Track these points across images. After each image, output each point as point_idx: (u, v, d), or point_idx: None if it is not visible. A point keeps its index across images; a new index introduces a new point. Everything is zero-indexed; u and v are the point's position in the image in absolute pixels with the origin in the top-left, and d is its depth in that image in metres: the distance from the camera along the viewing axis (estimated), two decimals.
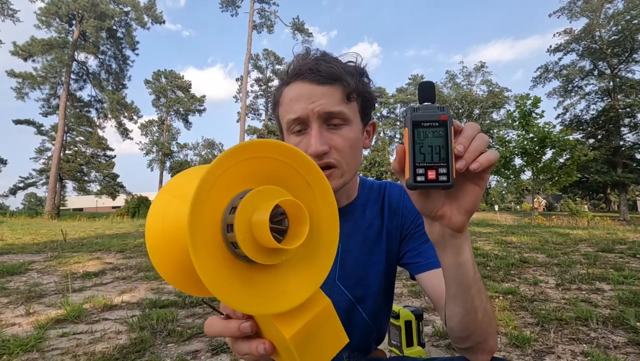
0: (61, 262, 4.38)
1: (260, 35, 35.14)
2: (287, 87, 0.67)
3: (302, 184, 0.37)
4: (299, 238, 0.33)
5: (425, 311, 2.38)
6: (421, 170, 0.41)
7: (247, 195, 0.31)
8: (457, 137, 0.42)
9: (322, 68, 0.63)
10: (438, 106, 0.42)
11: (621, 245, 5.36)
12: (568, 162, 14.25)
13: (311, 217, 0.36)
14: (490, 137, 36.03)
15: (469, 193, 0.45)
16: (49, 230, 9.40)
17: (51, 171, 24.45)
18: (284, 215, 0.34)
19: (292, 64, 0.68)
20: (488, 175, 0.44)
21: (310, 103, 0.63)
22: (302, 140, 0.66)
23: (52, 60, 24.98)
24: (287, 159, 0.36)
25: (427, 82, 0.45)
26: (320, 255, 0.39)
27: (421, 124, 0.42)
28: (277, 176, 0.36)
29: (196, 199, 0.29)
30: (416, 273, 0.72)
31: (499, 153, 13.77)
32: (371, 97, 0.71)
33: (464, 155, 0.41)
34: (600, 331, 2.04)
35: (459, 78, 38.80)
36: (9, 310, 2.51)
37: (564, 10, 26.67)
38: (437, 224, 0.47)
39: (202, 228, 0.30)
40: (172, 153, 40.42)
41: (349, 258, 0.76)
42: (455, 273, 0.50)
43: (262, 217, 0.30)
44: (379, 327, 0.81)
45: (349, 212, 0.77)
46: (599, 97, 26.83)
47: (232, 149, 0.32)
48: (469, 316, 0.52)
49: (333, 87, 0.64)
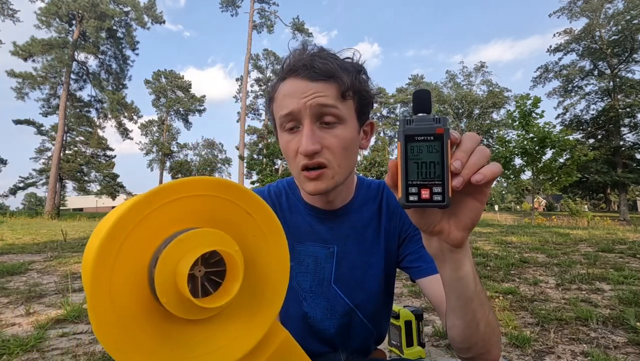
0: (61, 262, 4.38)
1: (260, 35, 35.21)
2: (282, 83, 0.65)
3: (242, 215, 0.34)
4: (227, 295, 0.30)
5: (425, 311, 2.38)
6: (414, 188, 0.38)
7: (170, 244, 0.28)
8: (455, 150, 0.39)
9: (317, 64, 0.61)
10: (433, 117, 0.39)
11: (621, 245, 5.36)
12: (568, 162, 14.25)
13: (255, 251, 0.34)
14: (490, 137, 36.06)
15: (468, 209, 0.42)
16: (49, 230, 9.40)
17: (51, 171, 24.43)
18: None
19: (288, 59, 0.65)
20: (489, 190, 0.41)
21: (302, 98, 0.61)
22: (294, 138, 0.63)
23: (52, 60, 24.97)
24: (219, 193, 0.32)
25: (422, 90, 0.42)
26: (267, 296, 0.36)
27: (414, 138, 0.39)
28: (212, 212, 0.32)
29: (101, 251, 0.26)
30: (417, 278, 0.70)
31: (500, 153, 13.65)
32: (369, 96, 0.67)
33: (462, 171, 0.38)
34: (600, 331, 2.04)
35: (459, 78, 38.83)
36: (9, 310, 2.51)
37: (564, 10, 26.67)
38: (435, 239, 0.45)
39: (114, 277, 0.27)
40: (172, 153, 40.43)
41: (345, 261, 0.74)
42: (455, 287, 0.48)
43: (182, 270, 0.27)
44: (378, 330, 0.80)
45: (344, 213, 0.75)
46: (599, 97, 26.82)
47: (150, 192, 0.29)
48: (470, 328, 0.50)
49: (327, 83, 0.61)
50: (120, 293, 0.28)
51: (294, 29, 30.68)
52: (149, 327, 0.29)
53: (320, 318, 0.74)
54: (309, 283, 0.74)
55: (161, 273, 0.28)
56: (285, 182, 0.81)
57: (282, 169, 18.44)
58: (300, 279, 0.74)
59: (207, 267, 0.30)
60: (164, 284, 0.28)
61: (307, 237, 0.75)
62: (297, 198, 0.77)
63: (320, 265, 0.74)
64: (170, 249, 0.28)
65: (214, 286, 0.31)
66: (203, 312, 0.30)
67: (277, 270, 0.36)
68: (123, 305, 0.28)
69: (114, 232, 0.27)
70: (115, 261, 0.27)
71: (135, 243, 0.28)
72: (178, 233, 0.29)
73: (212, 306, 0.29)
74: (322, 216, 0.75)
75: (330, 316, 0.74)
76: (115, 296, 0.27)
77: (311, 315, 0.74)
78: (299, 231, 0.75)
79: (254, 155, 18.85)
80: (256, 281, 0.35)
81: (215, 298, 0.30)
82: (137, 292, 0.29)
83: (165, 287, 0.28)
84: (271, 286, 0.36)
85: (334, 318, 0.74)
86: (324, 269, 0.74)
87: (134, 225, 0.28)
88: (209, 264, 0.30)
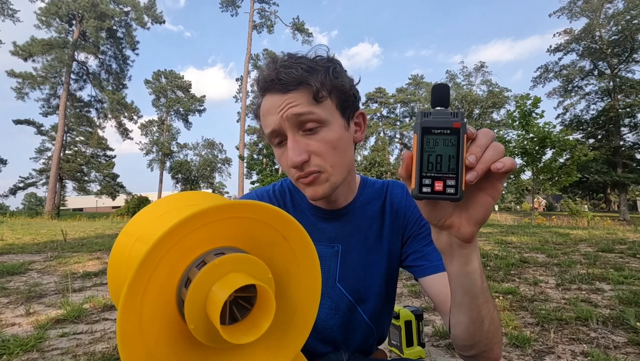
0: (61, 262, 4.38)
1: (260, 35, 35.07)
2: (262, 99, 0.66)
3: (278, 239, 0.34)
4: (256, 329, 0.28)
5: (425, 311, 2.38)
6: (428, 180, 0.39)
7: (204, 269, 0.27)
8: (470, 145, 0.40)
9: (282, 76, 0.60)
10: (451, 112, 0.39)
11: (621, 245, 5.36)
12: (568, 162, 14.25)
13: (286, 276, 0.33)
14: None
15: (480, 204, 0.42)
16: (49, 230, 9.40)
17: (51, 171, 24.44)
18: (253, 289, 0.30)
19: (260, 76, 0.65)
20: (501, 185, 0.41)
21: (278, 112, 0.61)
22: (284, 151, 0.64)
23: (52, 60, 24.99)
24: (256, 216, 0.31)
25: (441, 84, 0.42)
26: (295, 324, 0.34)
27: (431, 131, 0.39)
28: (246, 233, 0.32)
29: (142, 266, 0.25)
30: (419, 276, 0.70)
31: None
32: (346, 89, 0.65)
33: (476, 166, 0.38)
34: (600, 331, 2.04)
35: (459, 78, 38.84)
36: (9, 310, 2.51)
37: (564, 10, 26.67)
38: (445, 233, 0.45)
39: (144, 299, 0.26)
40: (172, 153, 40.42)
41: (349, 260, 0.74)
42: (462, 283, 0.48)
43: (215, 299, 0.26)
44: (380, 329, 0.80)
45: (348, 212, 0.75)
46: (599, 97, 26.82)
47: (201, 211, 0.27)
48: (474, 325, 0.50)
49: (298, 92, 0.61)
50: (149, 318, 0.27)
51: (294, 29, 30.68)
52: (175, 355, 0.28)
53: (324, 318, 0.74)
54: None
55: (192, 299, 0.26)
56: (290, 182, 0.81)
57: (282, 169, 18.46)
58: None
59: (237, 291, 0.28)
60: (194, 310, 0.27)
61: (311, 236, 0.74)
62: (301, 197, 0.78)
63: (325, 264, 0.74)
64: (204, 274, 0.27)
65: (242, 311, 0.30)
66: (230, 342, 0.28)
67: (307, 297, 0.35)
68: (151, 331, 0.27)
69: (146, 262, 0.25)
70: (146, 288, 0.26)
71: (166, 266, 0.27)
72: (211, 252, 0.28)
73: (240, 342, 0.27)
74: (325, 215, 0.75)
75: (334, 316, 0.74)
76: (144, 323, 0.26)
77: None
78: None
79: (254, 155, 18.87)
80: (285, 309, 0.34)
81: (244, 329, 0.29)
82: (164, 314, 0.28)
83: (194, 314, 0.27)
84: (300, 315, 0.35)
85: (337, 317, 0.74)
86: (329, 268, 0.74)
87: (166, 251, 0.26)
88: (239, 289, 0.29)
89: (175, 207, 0.38)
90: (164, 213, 0.37)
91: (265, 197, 0.79)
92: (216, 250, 0.29)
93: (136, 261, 0.25)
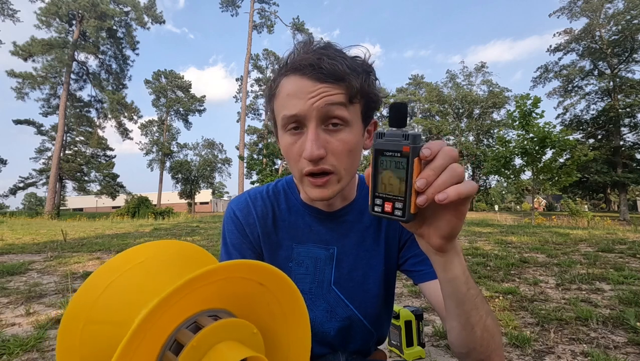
0: (61, 261, 4.38)
1: (260, 35, 35.14)
2: (285, 78, 0.60)
3: (267, 297, 0.33)
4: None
5: (425, 312, 2.38)
6: (379, 200, 0.40)
7: (197, 336, 0.26)
8: (425, 168, 0.39)
9: (325, 64, 0.57)
10: (403, 134, 0.38)
11: (621, 245, 5.36)
12: (568, 162, 14.23)
13: (274, 333, 0.33)
14: (491, 137, 36.07)
15: (445, 221, 0.42)
16: (49, 230, 9.40)
17: (51, 171, 24.44)
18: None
19: (292, 54, 0.61)
20: (466, 208, 0.41)
21: (308, 100, 0.57)
22: (297, 140, 0.60)
23: (52, 60, 24.99)
24: (245, 275, 0.31)
25: (399, 103, 0.40)
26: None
27: (384, 153, 0.39)
28: (235, 292, 0.31)
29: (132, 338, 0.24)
30: (419, 282, 0.70)
31: (500, 153, 13.60)
32: (376, 99, 0.64)
33: (426, 190, 0.38)
34: (600, 331, 2.04)
35: (459, 78, 38.84)
36: (9, 310, 2.51)
37: (564, 10, 26.64)
38: (421, 239, 0.48)
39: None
40: (172, 153, 40.37)
41: (345, 262, 0.73)
42: (445, 288, 0.49)
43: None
44: (379, 331, 0.79)
45: (345, 214, 0.74)
46: (599, 97, 26.79)
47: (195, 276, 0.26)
48: (465, 331, 0.51)
49: (336, 86, 0.58)
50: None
51: (294, 29, 30.67)
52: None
53: (321, 321, 0.73)
54: (308, 285, 0.72)
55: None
56: (285, 182, 0.79)
57: (282, 169, 18.42)
58: (299, 281, 0.73)
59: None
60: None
61: (306, 238, 0.74)
62: (296, 198, 0.76)
63: (320, 267, 0.73)
64: (197, 342, 0.26)
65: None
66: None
67: (297, 353, 0.35)
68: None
69: (137, 332, 0.24)
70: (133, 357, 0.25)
71: (153, 332, 0.26)
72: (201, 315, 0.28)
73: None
74: (321, 217, 0.74)
75: (331, 319, 0.73)
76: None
77: (311, 317, 0.72)
78: (298, 232, 0.74)
79: (254, 155, 18.81)
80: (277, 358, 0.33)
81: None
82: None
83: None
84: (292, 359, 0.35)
85: (334, 320, 0.73)
86: (323, 271, 0.73)
87: (156, 318, 0.26)
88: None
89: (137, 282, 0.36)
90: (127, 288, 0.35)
91: (258, 198, 0.76)
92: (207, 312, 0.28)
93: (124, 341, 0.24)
